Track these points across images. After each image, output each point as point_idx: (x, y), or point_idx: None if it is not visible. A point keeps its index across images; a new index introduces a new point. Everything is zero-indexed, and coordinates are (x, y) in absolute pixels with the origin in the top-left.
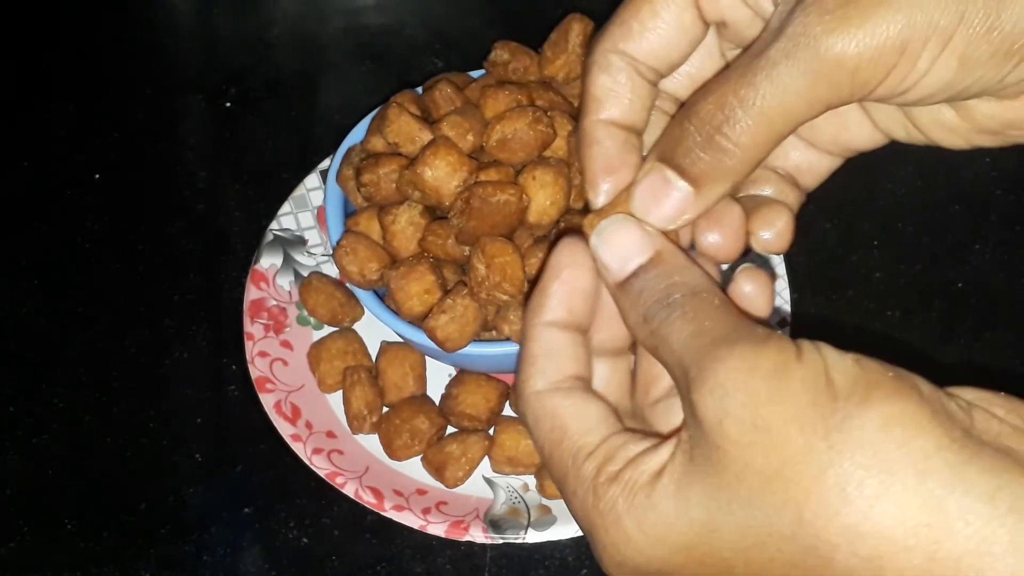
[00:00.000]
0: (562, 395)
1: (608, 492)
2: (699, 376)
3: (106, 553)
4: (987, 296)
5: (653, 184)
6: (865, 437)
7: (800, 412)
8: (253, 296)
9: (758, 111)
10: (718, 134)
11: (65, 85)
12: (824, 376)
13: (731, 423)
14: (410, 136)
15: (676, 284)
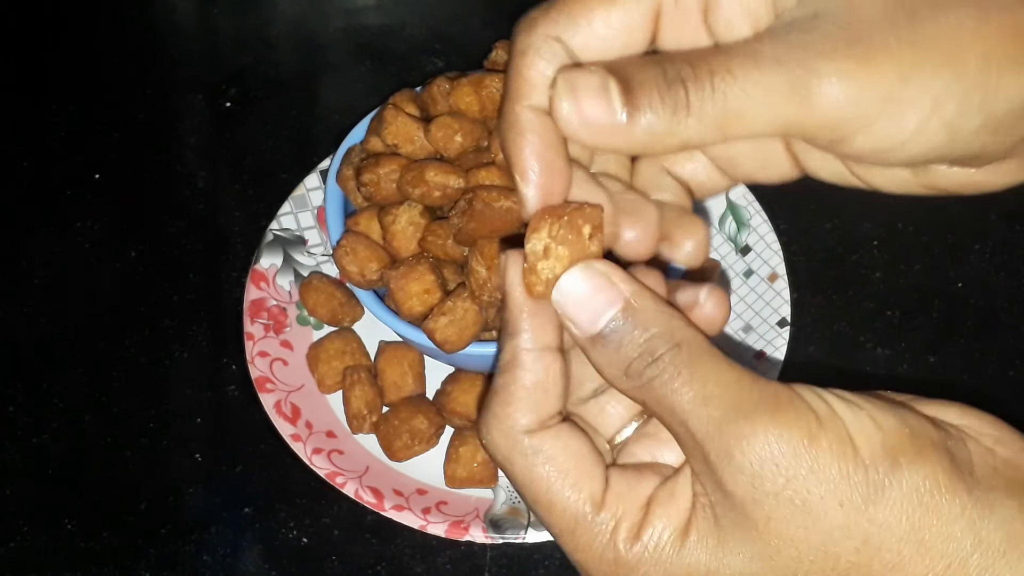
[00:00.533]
0: (554, 436)
1: (632, 550)
2: (724, 456)
3: (106, 553)
4: (987, 296)
5: (590, 83)
6: (900, 509)
7: (835, 486)
8: (253, 296)
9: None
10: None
11: (65, 85)
12: (850, 443)
13: (769, 503)
14: (408, 137)
15: (656, 337)
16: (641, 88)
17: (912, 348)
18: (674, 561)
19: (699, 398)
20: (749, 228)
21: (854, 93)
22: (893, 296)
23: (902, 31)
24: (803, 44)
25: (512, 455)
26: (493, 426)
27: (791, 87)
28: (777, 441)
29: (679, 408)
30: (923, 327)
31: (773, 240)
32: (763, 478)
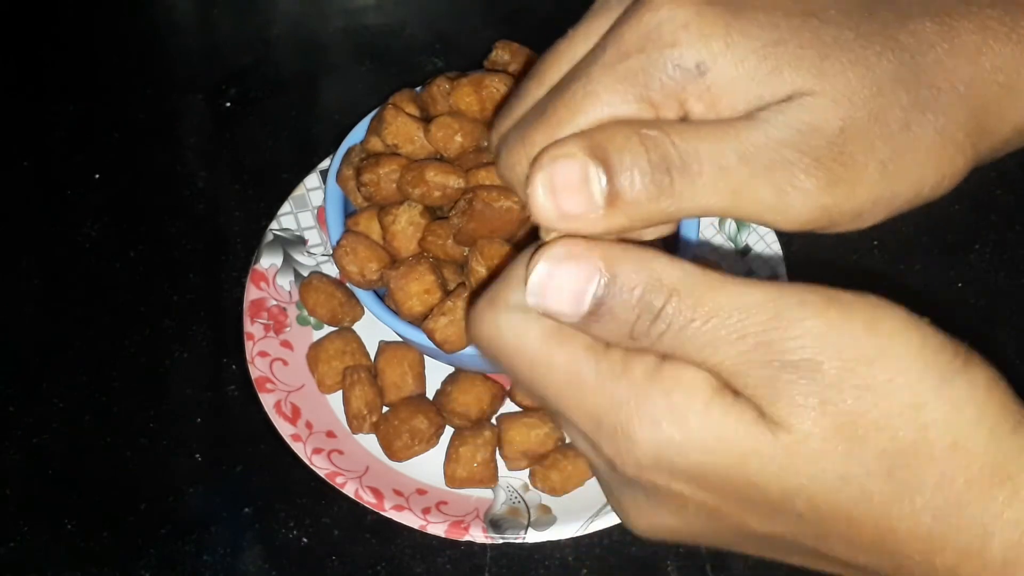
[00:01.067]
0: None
1: (651, 387)
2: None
3: (106, 553)
4: (987, 296)
5: (569, 170)
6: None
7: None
8: (253, 296)
9: (716, 188)
10: (668, 175)
11: (65, 85)
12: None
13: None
14: (408, 137)
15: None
16: (623, 173)
17: None
18: (702, 417)
19: (724, 331)
20: (749, 228)
21: (832, 212)
22: (893, 296)
23: (883, 155)
24: (792, 159)
25: (498, 325)
26: (482, 300)
27: (776, 197)
28: (836, 334)
29: (706, 347)
30: None
31: (773, 240)
32: (825, 372)
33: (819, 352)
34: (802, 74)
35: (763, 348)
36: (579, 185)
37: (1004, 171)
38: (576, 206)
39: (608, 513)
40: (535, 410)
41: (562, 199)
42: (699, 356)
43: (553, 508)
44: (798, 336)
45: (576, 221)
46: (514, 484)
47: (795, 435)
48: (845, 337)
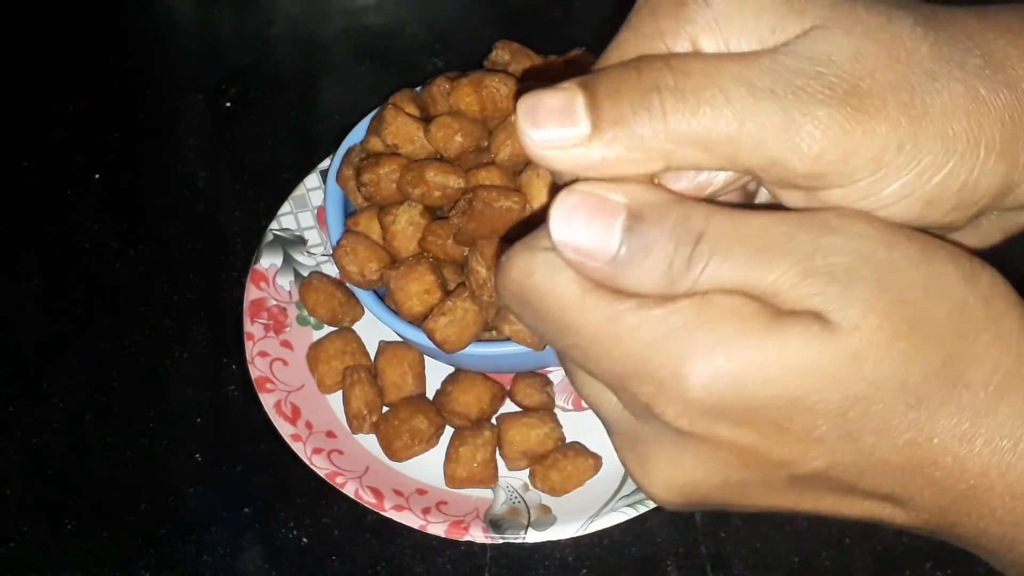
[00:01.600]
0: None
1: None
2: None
3: (106, 553)
4: None
5: (554, 100)
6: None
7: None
8: (253, 296)
9: (718, 114)
10: (655, 91)
11: (65, 85)
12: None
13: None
14: (408, 137)
15: (680, 220)
16: (609, 96)
17: None
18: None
19: (775, 255)
20: None
21: (847, 148)
22: None
23: (902, 96)
24: (802, 85)
25: (530, 267)
26: (517, 249)
27: (784, 126)
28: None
29: (755, 271)
30: None
31: None
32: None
33: (874, 251)
34: (815, 9)
35: (817, 255)
36: (562, 110)
37: None
38: (558, 132)
39: (608, 513)
40: (535, 410)
41: (544, 124)
42: (752, 280)
43: (553, 508)
44: (850, 239)
45: (561, 150)
46: (514, 484)
47: (863, 334)
48: (894, 239)
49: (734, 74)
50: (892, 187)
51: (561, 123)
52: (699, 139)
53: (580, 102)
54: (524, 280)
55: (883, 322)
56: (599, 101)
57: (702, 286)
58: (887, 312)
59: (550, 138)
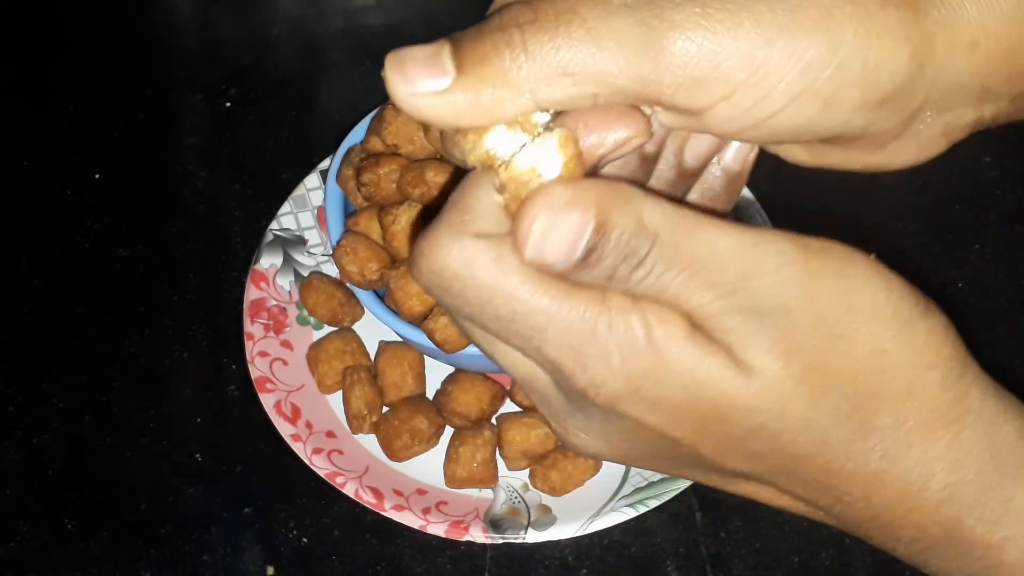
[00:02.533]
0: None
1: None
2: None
3: (106, 553)
4: (987, 296)
5: (421, 51)
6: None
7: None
8: (253, 296)
9: (575, 36)
10: (515, 26)
11: (65, 85)
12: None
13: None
14: (408, 137)
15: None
16: (472, 40)
17: None
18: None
19: (700, 280)
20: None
21: (712, 49)
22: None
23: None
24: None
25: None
26: (443, 235)
27: (643, 36)
28: (808, 281)
29: (683, 294)
30: None
31: None
32: (798, 319)
33: (792, 300)
34: None
35: (738, 295)
36: (429, 60)
37: (1004, 171)
38: (426, 82)
39: (608, 513)
40: (535, 410)
41: (412, 76)
42: (675, 300)
43: (553, 508)
44: (772, 285)
45: (430, 99)
46: (514, 484)
47: (765, 379)
48: (817, 286)
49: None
50: (776, 91)
51: (428, 73)
52: (561, 66)
53: (446, 51)
54: (460, 270)
55: (789, 368)
56: (462, 47)
57: (639, 291)
58: (794, 358)
59: (419, 89)
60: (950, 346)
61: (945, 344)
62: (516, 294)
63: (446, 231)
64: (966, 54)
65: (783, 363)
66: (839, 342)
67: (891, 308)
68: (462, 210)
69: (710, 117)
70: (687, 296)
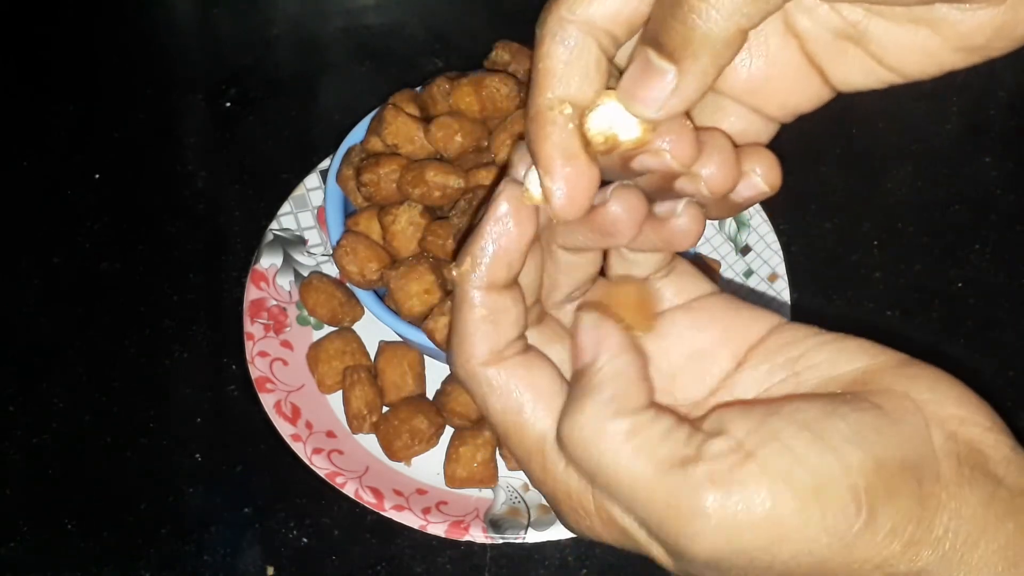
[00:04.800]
0: (511, 367)
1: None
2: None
3: (106, 553)
4: (987, 296)
5: (636, 68)
6: (877, 548)
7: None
8: (253, 296)
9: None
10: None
11: (65, 85)
12: (814, 499)
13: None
14: (408, 137)
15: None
16: (667, 34)
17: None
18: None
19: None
20: (749, 228)
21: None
22: (893, 296)
23: None
24: None
25: (474, 385)
26: (456, 362)
27: None
28: (732, 532)
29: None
30: (923, 327)
31: (773, 240)
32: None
33: (719, 553)
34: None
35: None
36: (642, 70)
37: (1004, 171)
38: (649, 87)
39: None
40: None
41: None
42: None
43: None
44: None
45: (664, 97)
46: (514, 484)
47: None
48: (749, 530)
49: None
50: None
51: (652, 83)
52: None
53: (651, 54)
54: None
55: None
56: (661, 43)
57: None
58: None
59: (658, 100)
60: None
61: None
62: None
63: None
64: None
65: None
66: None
67: (828, 534)
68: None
69: None
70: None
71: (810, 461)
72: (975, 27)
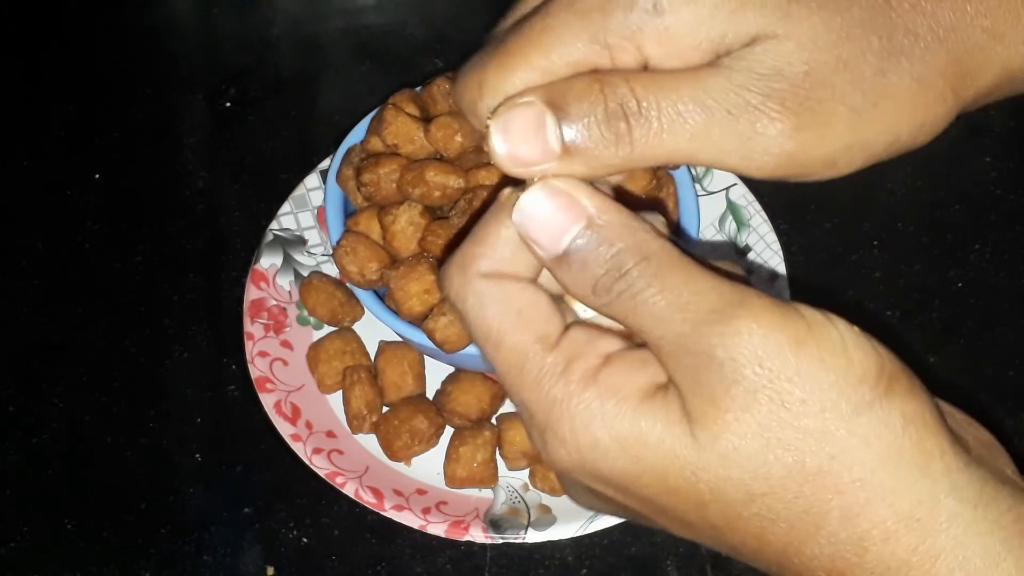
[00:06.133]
0: (510, 283)
1: (583, 394)
2: (702, 356)
3: (106, 553)
4: (987, 296)
5: (525, 123)
6: (885, 430)
7: (821, 392)
8: (253, 296)
9: (677, 133)
10: (625, 121)
11: (65, 85)
12: (844, 355)
13: (744, 399)
14: (408, 137)
15: (623, 251)
16: (579, 121)
17: (912, 348)
18: (629, 422)
19: (673, 306)
20: (749, 228)
21: (800, 159)
22: (893, 296)
23: (853, 101)
24: (756, 103)
25: (464, 292)
26: (453, 263)
27: (740, 143)
28: (762, 341)
29: (653, 318)
30: (923, 327)
31: (773, 240)
32: (743, 375)
33: (742, 356)
34: (766, 16)
35: (696, 336)
36: (534, 131)
37: (1004, 171)
38: (531, 152)
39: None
40: None
41: (517, 145)
42: (645, 325)
43: (553, 508)
44: (729, 334)
45: (533, 167)
46: (514, 484)
47: (709, 435)
48: (771, 348)
49: (692, 97)
50: (841, 166)
51: (534, 145)
52: (658, 156)
53: (550, 123)
54: (457, 302)
55: (728, 432)
56: (570, 125)
57: (614, 310)
58: (736, 421)
59: (522, 156)
60: (911, 438)
61: (905, 436)
62: (488, 333)
63: (457, 263)
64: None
65: (727, 421)
66: (782, 411)
67: (839, 390)
68: (474, 242)
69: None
70: (655, 324)
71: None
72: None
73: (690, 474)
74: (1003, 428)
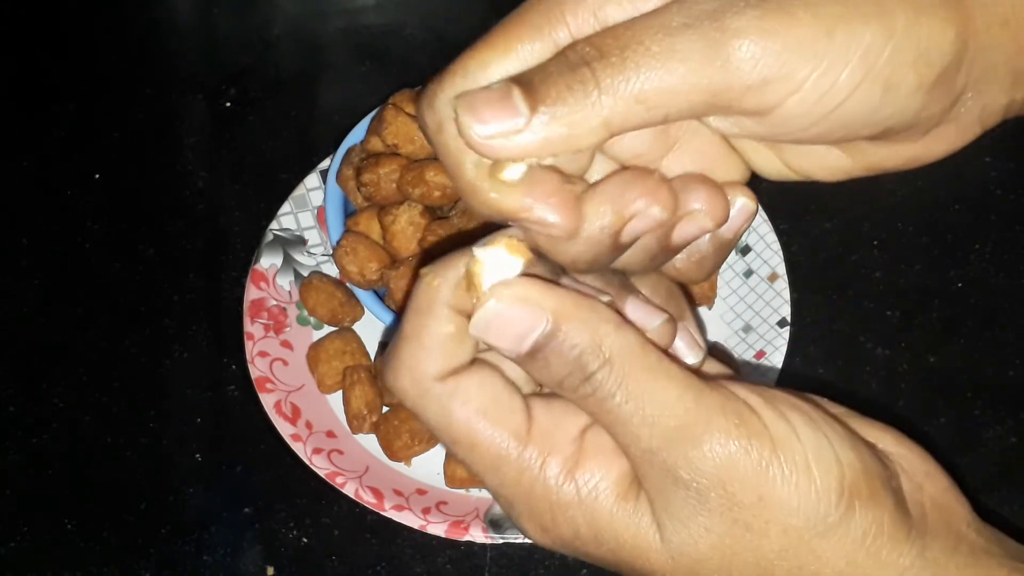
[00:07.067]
0: (466, 378)
1: (564, 488)
2: (668, 475)
3: (106, 553)
4: (987, 296)
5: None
6: (844, 548)
7: (784, 514)
8: (253, 296)
9: (641, 64)
10: (584, 64)
11: (65, 85)
12: (807, 474)
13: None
14: (408, 137)
15: (585, 353)
16: (543, 81)
17: (912, 348)
18: (605, 521)
19: (638, 418)
20: (749, 228)
21: (777, 49)
22: (893, 296)
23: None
24: (714, 7)
25: (424, 402)
26: (402, 373)
27: (708, 49)
28: (726, 464)
29: (620, 424)
30: (923, 327)
31: (773, 240)
32: (708, 499)
33: (707, 480)
34: None
35: (663, 455)
36: (500, 101)
37: (1004, 171)
38: (499, 121)
39: None
40: None
41: (484, 117)
42: (614, 431)
43: None
44: (695, 458)
45: (503, 138)
46: None
47: (678, 545)
48: (736, 472)
49: (648, 25)
50: (842, 80)
51: (502, 114)
52: (634, 95)
53: (516, 92)
54: (418, 412)
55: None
56: (534, 87)
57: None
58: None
59: (494, 130)
60: (873, 551)
61: (868, 547)
62: (458, 437)
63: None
64: (999, 31)
65: (692, 537)
66: (748, 534)
67: (804, 512)
68: (415, 347)
69: (778, 116)
70: (622, 432)
71: (807, 439)
72: (887, 156)
73: (660, 574)
74: (1003, 428)
